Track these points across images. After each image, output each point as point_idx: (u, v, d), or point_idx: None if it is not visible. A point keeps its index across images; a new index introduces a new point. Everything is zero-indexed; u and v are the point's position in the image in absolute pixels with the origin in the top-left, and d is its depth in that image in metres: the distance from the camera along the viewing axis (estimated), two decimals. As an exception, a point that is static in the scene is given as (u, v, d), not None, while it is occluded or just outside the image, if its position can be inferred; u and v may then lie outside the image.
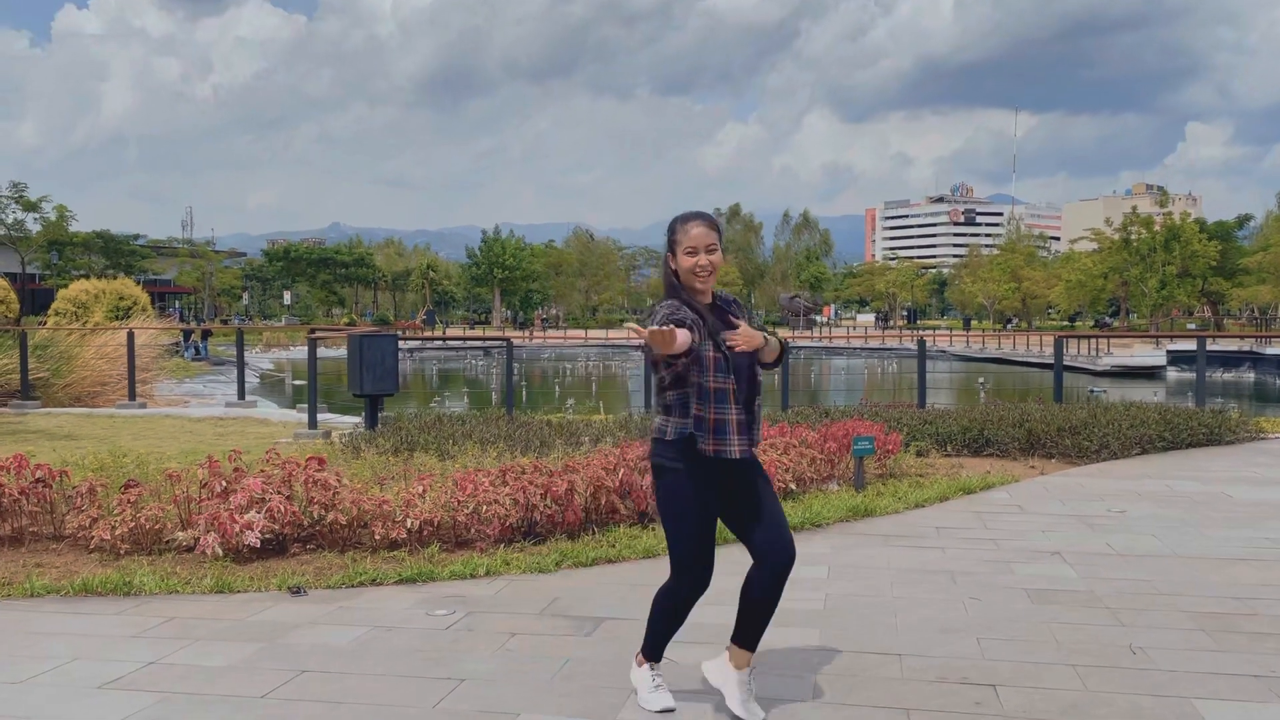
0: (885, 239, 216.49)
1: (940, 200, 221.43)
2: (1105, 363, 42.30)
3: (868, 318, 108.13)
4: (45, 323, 33.10)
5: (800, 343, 66.80)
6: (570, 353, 52.78)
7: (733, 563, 5.69)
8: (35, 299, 54.48)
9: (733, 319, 3.55)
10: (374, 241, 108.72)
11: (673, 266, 3.52)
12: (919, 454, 9.97)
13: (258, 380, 35.63)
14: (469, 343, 52.55)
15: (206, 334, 43.07)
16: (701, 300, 3.52)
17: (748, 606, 3.60)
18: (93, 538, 5.96)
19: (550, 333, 69.41)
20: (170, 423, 13.82)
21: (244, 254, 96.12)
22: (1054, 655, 4.27)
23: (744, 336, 3.39)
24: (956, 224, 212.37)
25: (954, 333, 73.09)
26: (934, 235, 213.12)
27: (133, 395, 16.23)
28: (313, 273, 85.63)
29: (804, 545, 6.24)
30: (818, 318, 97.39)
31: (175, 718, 3.59)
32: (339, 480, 6.27)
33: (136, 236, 69.98)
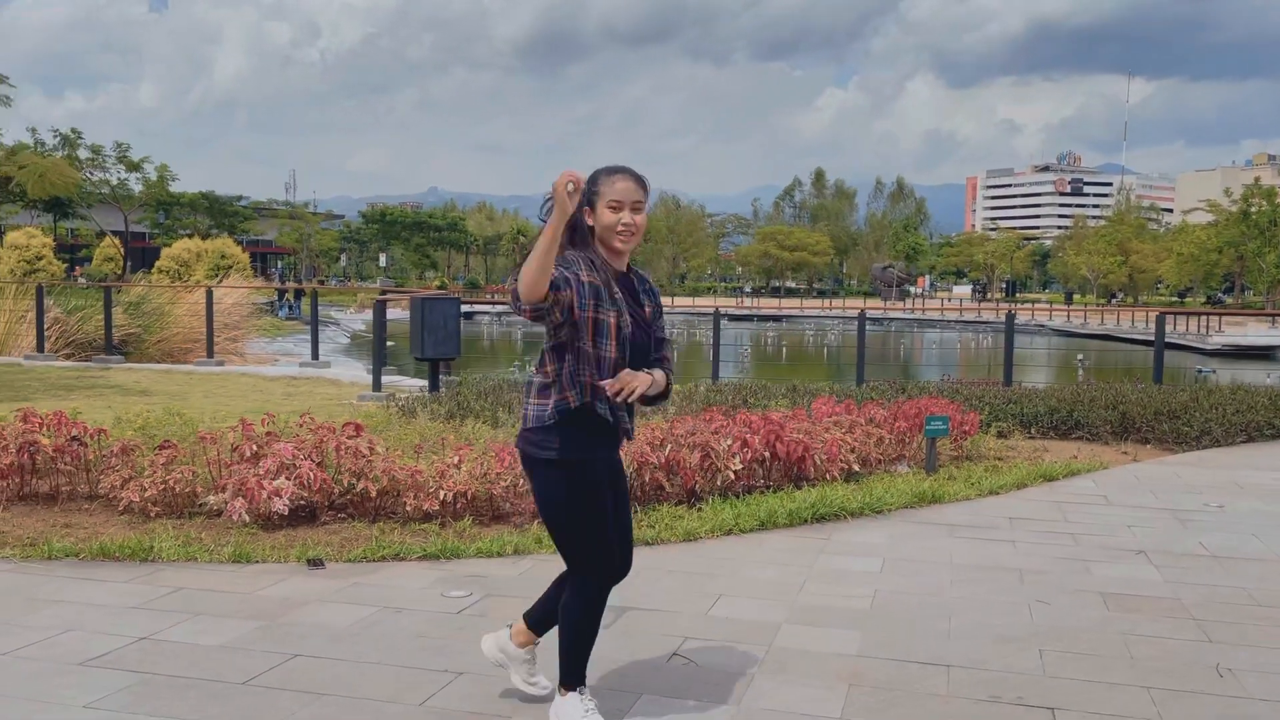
0: (986, 209, 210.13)
1: (1046, 169, 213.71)
2: (1216, 341, 40.15)
3: (964, 290, 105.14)
4: (142, 281, 34.03)
5: (892, 314, 65.31)
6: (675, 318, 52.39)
7: (765, 560, 5.31)
8: (145, 257, 56.29)
9: (638, 301, 3.15)
10: (468, 206, 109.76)
11: (589, 222, 3.06)
12: (1000, 435, 9.35)
13: (348, 340, 36.19)
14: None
15: (299, 293, 43.97)
16: (618, 264, 3.11)
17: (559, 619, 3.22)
18: (122, 499, 5.84)
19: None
20: (244, 381, 13.90)
21: (342, 216, 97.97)
22: (1127, 674, 3.76)
23: (622, 383, 2.98)
24: (1062, 194, 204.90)
25: (1054, 307, 70.56)
26: (1038, 206, 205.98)
27: (210, 353, 16.42)
28: (407, 236, 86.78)
29: (859, 534, 5.82)
30: (911, 289, 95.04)
31: (143, 704, 3.35)
32: (371, 448, 6.03)
33: (240, 198, 71.68)
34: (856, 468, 7.29)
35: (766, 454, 6.78)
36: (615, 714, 3.34)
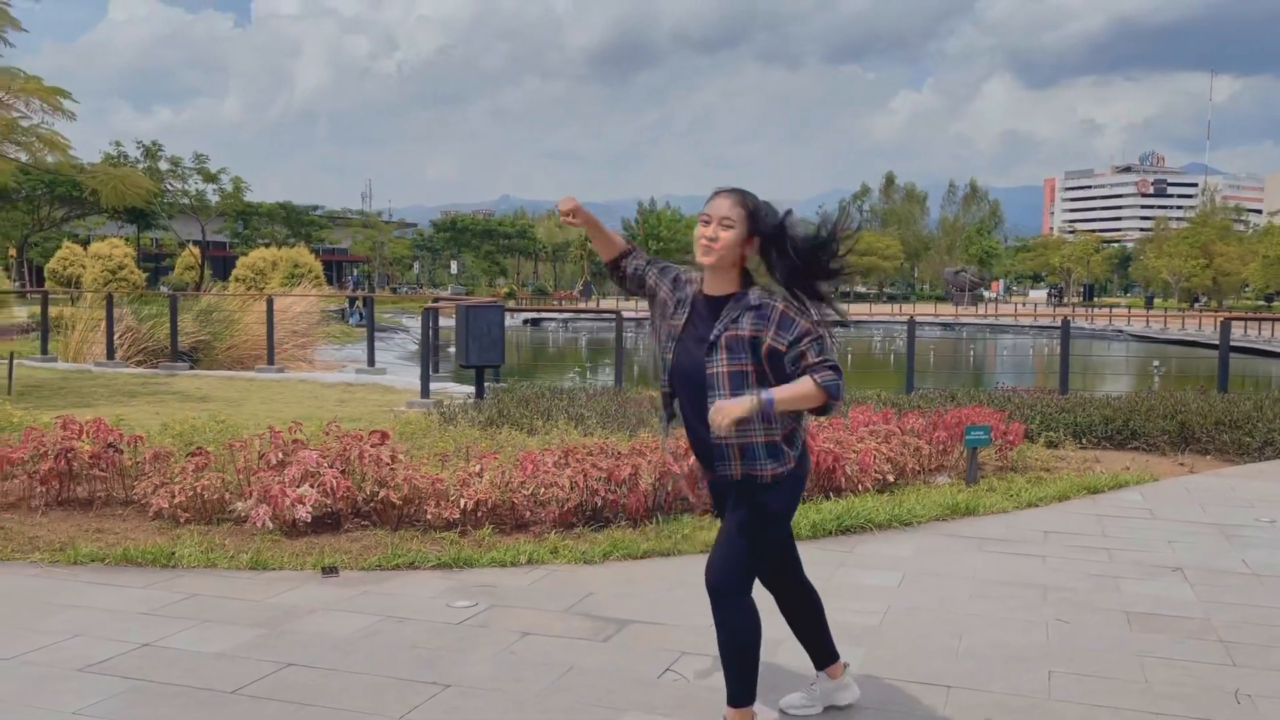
0: (1065, 211, 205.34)
1: (1127, 170, 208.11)
2: (1302, 347, 38.62)
3: (1040, 294, 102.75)
4: (214, 289, 34.96)
5: (964, 319, 64.05)
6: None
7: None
8: (224, 265, 57.89)
9: (729, 328, 2.99)
10: (538, 213, 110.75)
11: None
12: (1050, 445, 9.09)
13: (416, 346, 36.72)
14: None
15: (369, 300, 44.81)
16: (708, 285, 3.08)
17: None
18: (152, 505, 5.97)
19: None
20: (301, 388, 14.16)
21: (414, 224, 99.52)
22: (1137, 699, 3.60)
23: (717, 413, 2.87)
24: (1144, 195, 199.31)
25: (1132, 311, 68.57)
26: (1119, 207, 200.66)
27: (271, 360, 16.77)
28: (477, 243, 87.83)
29: (884, 546, 5.69)
30: (985, 293, 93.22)
31: (130, 710, 3.40)
32: (394, 456, 6.07)
33: (315, 207, 73.34)
34: (892, 479, 7.13)
35: (795, 464, 6.66)
36: (595, 730, 3.29)
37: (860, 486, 6.87)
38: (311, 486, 5.79)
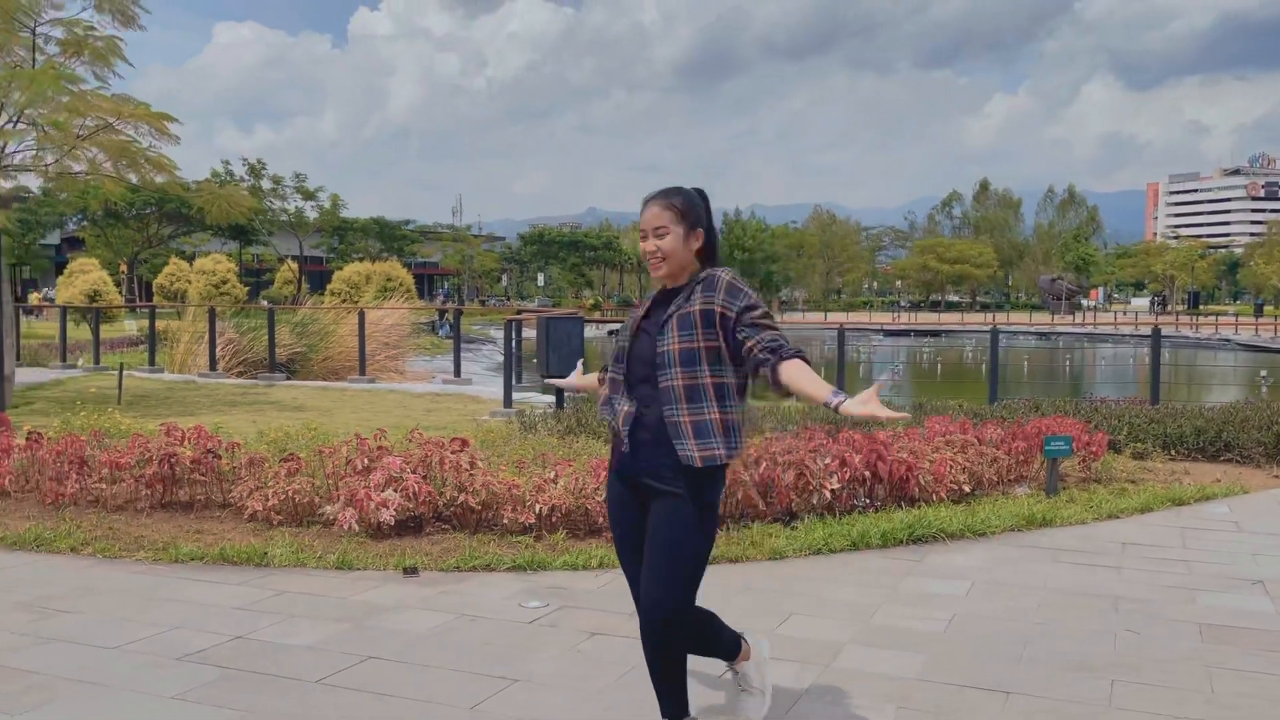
0: (1169, 216, 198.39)
1: (1236, 172, 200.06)
2: None
3: (1142, 302, 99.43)
4: (309, 302, 36.07)
5: (1061, 328, 62.37)
6: (808, 334, 51.90)
7: (848, 580, 5.26)
8: (321, 279, 59.76)
9: (682, 306, 3.00)
10: (624, 225, 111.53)
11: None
12: (1138, 457, 8.91)
13: (502, 358, 37.34)
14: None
15: (459, 313, 45.73)
16: (669, 281, 3.10)
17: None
18: (248, 508, 6.29)
19: (788, 316, 68.49)
20: (390, 398, 14.61)
21: (503, 238, 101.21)
22: (1199, 708, 3.58)
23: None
24: (1254, 198, 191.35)
25: (1239, 319, 65.88)
26: (1227, 212, 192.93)
27: (362, 370, 17.32)
28: (564, 256, 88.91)
29: (955, 556, 5.70)
30: (1083, 301, 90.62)
31: (225, 696, 3.65)
32: (473, 463, 6.29)
33: (407, 222, 75.20)
34: (967, 489, 7.10)
35: (867, 474, 6.69)
36: (654, 726, 3.41)
37: (935, 496, 6.86)
38: (395, 491, 6.05)
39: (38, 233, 56.79)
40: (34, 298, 46.01)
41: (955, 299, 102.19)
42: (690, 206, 3.09)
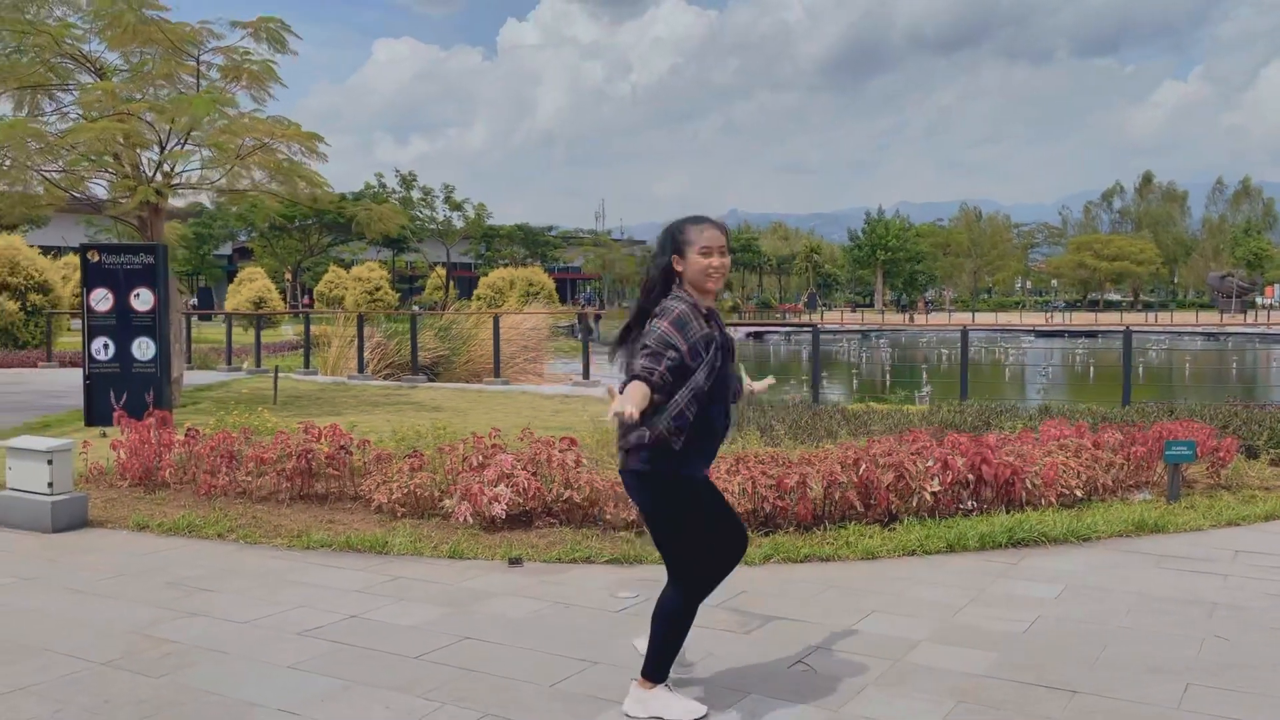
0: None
1: None
2: None
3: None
4: (454, 307, 37.43)
5: (1230, 329, 58.81)
6: (953, 337, 50.58)
7: (938, 581, 5.31)
8: (469, 285, 61.90)
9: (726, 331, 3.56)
10: (763, 226, 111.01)
11: (678, 269, 3.45)
12: (1275, 464, 8.52)
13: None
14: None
15: (598, 317, 46.58)
16: (705, 302, 3.49)
17: None
18: (374, 500, 6.78)
19: (933, 317, 66.86)
20: (522, 399, 15.17)
21: (643, 242, 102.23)
22: (1272, 715, 3.53)
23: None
24: None
25: None
26: None
27: (497, 373, 18.00)
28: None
29: (1053, 560, 5.68)
30: (1259, 299, 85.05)
31: (332, 666, 4.04)
32: (578, 461, 6.60)
33: (550, 228, 76.99)
34: (1080, 494, 6.99)
35: (971, 477, 6.68)
36: (717, 709, 3.61)
37: (1044, 500, 6.79)
38: (506, 486, 6.41)
39: (212, 245, 60.84)
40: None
41: (1116, 298, 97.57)
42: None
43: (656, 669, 3.53)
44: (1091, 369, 37.58)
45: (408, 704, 3.67)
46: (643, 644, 3.73)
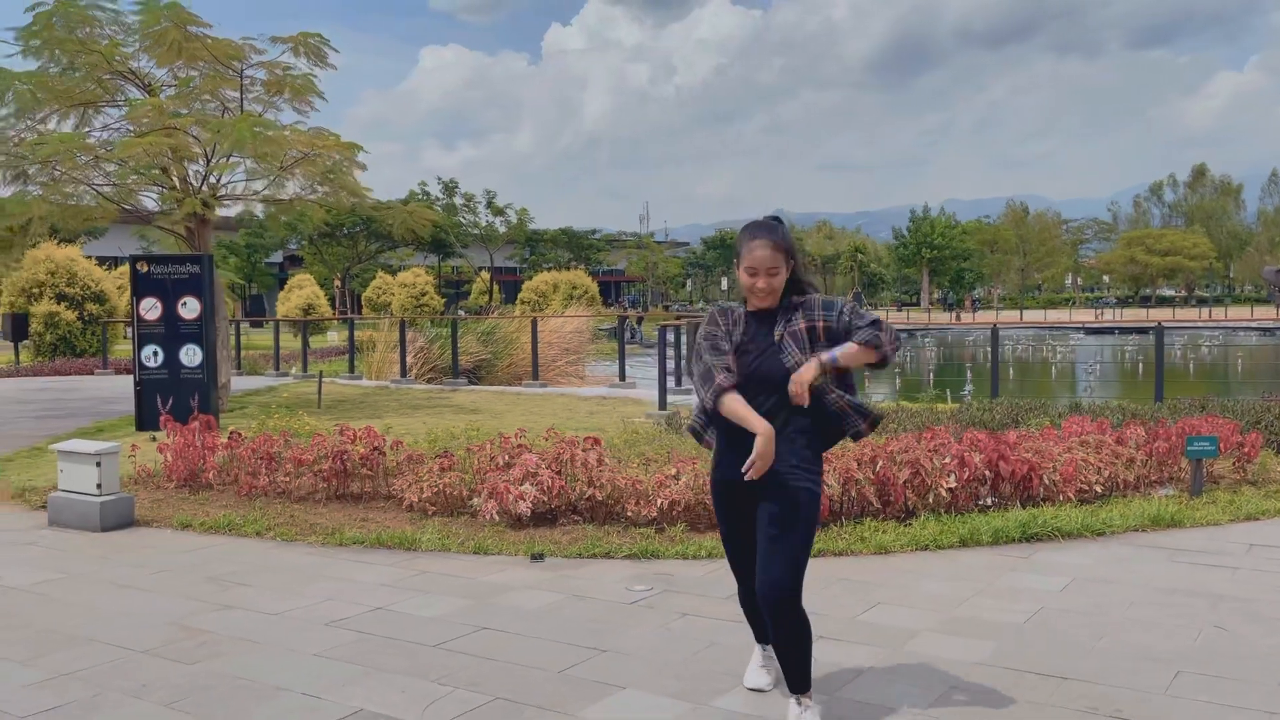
0: None
1: None
2: None
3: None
4: (497, 311, 37.80)
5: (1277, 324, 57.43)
6: (1002, 334, 49.96)
7: (947, 575, 5.41)
8: (513, 289, 62.50)
9: (787, 327, 3.41)
10: (808, 226, 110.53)
11: (738, 276, 3.50)
12: (1307, 459, 8.48)
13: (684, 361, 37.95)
14: None
15: (640, 319, 46.85)
16: (753, 305, 3.50)
17: None
18: (405, 499, 7.03)
19: (980, 315, 66.15)
20: (559, 401, 15.40)
21: (686, 243, 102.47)
22: (1260, 699, 3.63)
23: (795, 383, 3.32)
24: None
25: None
26: None
27: (535, 376, 18.27)
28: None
29: (1064, 554, 5.76)
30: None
31: (355, 654, 4.27)
32: (600, 460, 6.79)
33: (593, 231, 77.46)
34: (1099, 489, 7.04)
35: (988, 473, 6.77)
36: (714, 694, 3.78)
37: (1062, 496, 6.85)
38: (531, 485, 6.63)
39: (263, 253, 62.09)
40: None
41: (1169, 293, 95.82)
42: (789, 242, 3.45)
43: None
44: (1140, 366, 37.06)
45: (423, 688, 3.89)
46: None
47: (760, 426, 3.28)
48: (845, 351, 3.34)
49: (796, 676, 3.42)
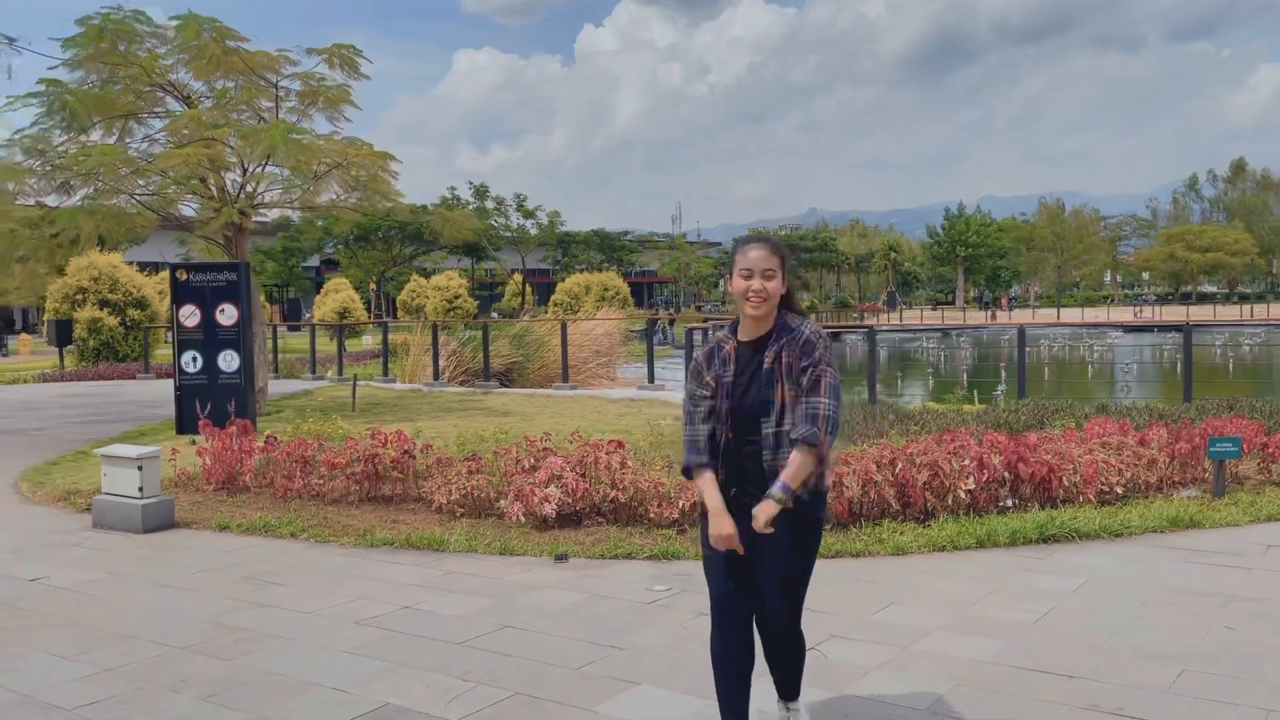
0: None
1: None
2: None
3: None
4: (531, 313, 38.06)
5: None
6: (1033, 335, 49.58)
7: (963, 575, 5.49)
8: (546, 291, 62.85)
9: (777, 358, 3.20)
10: (840, 225, 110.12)
11: (729, 289, 3.36)
12: (1335, 459, 8.44)
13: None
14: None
15: (672, 320, 46.99)
16: (744, 333, 3.32)
17: None
18: (434, 501, 7.21)
19: (1015, 314, 65.62)
20: (589, 403, 15.57)
21: (719, 244, 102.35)
22: (1260, 697, 3.70)
23: (757, 525, 3.13)
24: None
25: None
26: None
27: (565, 378, 18.47)
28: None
29: (1081, 555, 5.85)
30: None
31: (380, 651, 4.45)
32: (623, 463, 6.94)
33: (626, 232, 77.70)
34: (1120, 490, 7.09)
35: (1007, 475, 6.84)
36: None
37: (1082, 497, 6.91)
38: (556, 487, 6.79)
39: (300, 257, 62.91)
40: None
41: (1210, 290, 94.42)
42: (787, 260, 3.37)
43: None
44: (1177, 365, 36.58)
45: (445, 684, 4.05)
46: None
47: (718, 521, 3.20)
48: (792, 475, 3.12)
49: (788, 685, 3.49)
